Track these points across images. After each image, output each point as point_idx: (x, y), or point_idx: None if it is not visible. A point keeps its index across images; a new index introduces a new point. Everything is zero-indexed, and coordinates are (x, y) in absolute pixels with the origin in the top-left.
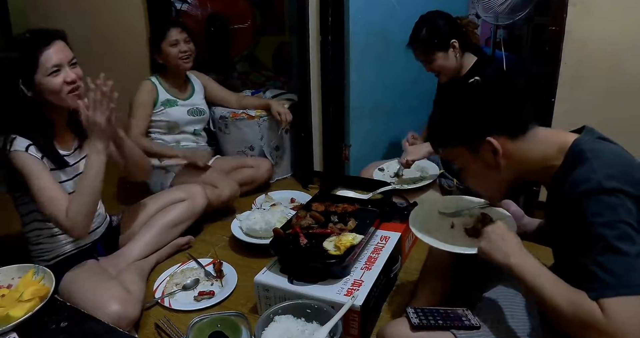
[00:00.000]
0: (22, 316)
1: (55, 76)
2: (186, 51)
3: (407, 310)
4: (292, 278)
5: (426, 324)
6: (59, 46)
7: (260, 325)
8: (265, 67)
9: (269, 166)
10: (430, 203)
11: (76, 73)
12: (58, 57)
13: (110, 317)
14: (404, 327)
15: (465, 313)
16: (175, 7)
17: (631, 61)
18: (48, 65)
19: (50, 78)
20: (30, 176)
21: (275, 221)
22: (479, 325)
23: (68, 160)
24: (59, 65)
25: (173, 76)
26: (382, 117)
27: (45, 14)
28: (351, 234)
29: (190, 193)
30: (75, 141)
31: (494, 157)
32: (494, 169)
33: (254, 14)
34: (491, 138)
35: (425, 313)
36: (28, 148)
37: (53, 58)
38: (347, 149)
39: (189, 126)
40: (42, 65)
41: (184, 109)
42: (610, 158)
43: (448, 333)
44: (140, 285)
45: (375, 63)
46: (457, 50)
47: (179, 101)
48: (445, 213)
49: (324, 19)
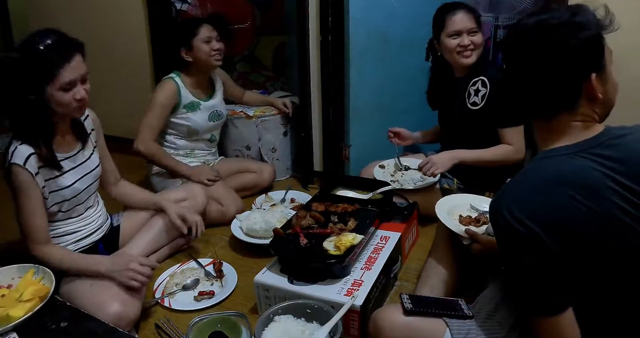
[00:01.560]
0: (22, 316)
1: (67, 92)
2: (218, 49)
3: (402, 296)
4: (292, 278)
5: (419, 310)
6: (77, 62)
7: (260, 325)
8: (265, 67)
9: (271, 171)
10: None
11: (85, 89)
12: (74, 74)
13: (110, 317)
14: (397, 311)
15: (460, 303)
16: (175, 7)
17: (631, 61)
18: (63, 81)
19: (62, 93)
20: (17, 195)
21: (275, 221)
22: (472, 314)
23: (70, 162)
24: (73, 82)
25: (198, 73)
26: (382, 117)
27: (45, 14)
28: (351, 234)
29: (191, 192)
30: (77, 143)
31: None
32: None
33: (254, 14)
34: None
35: (419, 300)
36: (27, 161)
37: (70, 75)
38: (347, 149)
39: (207, 133)
40: (57, 80)
41: (205, 115)
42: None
43: (440, 321)
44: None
45: (375, 63)
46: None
47: (202, 103)
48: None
49: (324, 19)
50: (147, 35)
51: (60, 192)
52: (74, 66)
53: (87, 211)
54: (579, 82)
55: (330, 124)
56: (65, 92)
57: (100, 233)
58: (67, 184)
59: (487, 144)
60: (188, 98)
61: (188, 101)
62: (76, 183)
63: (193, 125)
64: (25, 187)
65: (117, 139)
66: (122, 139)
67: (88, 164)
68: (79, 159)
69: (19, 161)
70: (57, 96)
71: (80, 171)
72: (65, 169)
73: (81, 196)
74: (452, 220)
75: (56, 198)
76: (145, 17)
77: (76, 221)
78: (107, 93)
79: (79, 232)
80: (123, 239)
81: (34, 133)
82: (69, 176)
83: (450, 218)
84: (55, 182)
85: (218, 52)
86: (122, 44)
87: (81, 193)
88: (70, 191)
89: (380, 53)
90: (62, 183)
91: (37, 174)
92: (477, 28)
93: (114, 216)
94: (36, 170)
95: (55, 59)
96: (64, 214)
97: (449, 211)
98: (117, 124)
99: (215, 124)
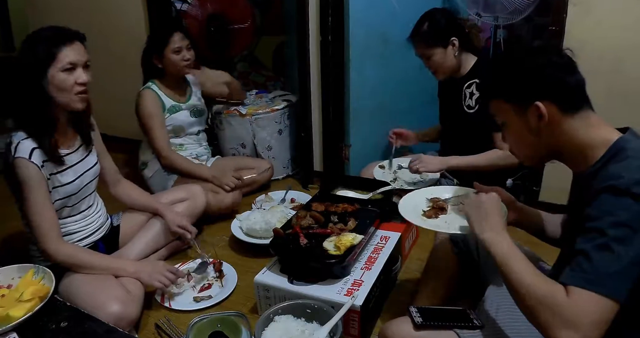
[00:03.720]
0: (22, 316)
1: (69, 74)
2: (189, 59)
3: (410, 309)
4: (292, 278)
5: (429, 323)
6: (78, 46)
7: (260, 325)
8: (265, 67)
9: (269, 167)
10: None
11: (87, 76)
12: (75, 55)
13: (110, 317)
14: (406, 325)
15: (468, 312)
16: (175, 7)
17: (631, 61)
18: (65, 61)
19: (64, 74)
20: (25, 189)
21: (275, 221)
22: (482, 324)
23: (71, 158)
24: (75, 63)
25: (173, 80)
26: (382, 117)
27: (44, 14)
28: (351, 234)
29: (191, 193)
30: (77, 139)
31: (537, 122)
32: (533, 133)
33: (254, 14)
34: (540, 103)
35: (428, 312)
36: (32, 154)
37: (71, 55)
38: (347, 149)
39: (193, 127)
40: (59, 60)
41: (187, 112)
42: None
43: (451, 333)
44: (140, 285)
45: (375, 63)
46: (456, 48)
47: (182, 105)
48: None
49: (324, 19)
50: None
51: (62, 188)
52: (75, 48)
53: (87, 210)
54: None
55: (330, 124)
56: (67, 73)
57: (100, 233)
58: (69, 181)
59: (484, 146)
60: (169, 102)
61: (169, 105)
62: (77, 180)
63: (178, 123)
64: (33, 180)
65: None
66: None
67: (87, 162)
68: (78, 156)
69: (24, 155)
70: (58, 78)
71: (80, 168)
72: (68, 165)
73: (82, 193)
74: (420, 218)
75: (58, 194)
76: (145, 17)
77: (77, 221)
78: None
79: (80, 232)
80: (123, 239)
81: (38, 127)
82: (70, 172)
83: (418, 217)
84: (57, 177)
85: (187, 63)
86: (122, 44)
87: (81, 190)
88: (71, 188)
89: (380, 53)
90: (64, 178)
91: (42, 167)
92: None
93: (113, 216)
94: (41, 163)
95: (56, 40)
96: (67, 212)
97: (413, 212)
98: (116, 124)
99: (198, 119)
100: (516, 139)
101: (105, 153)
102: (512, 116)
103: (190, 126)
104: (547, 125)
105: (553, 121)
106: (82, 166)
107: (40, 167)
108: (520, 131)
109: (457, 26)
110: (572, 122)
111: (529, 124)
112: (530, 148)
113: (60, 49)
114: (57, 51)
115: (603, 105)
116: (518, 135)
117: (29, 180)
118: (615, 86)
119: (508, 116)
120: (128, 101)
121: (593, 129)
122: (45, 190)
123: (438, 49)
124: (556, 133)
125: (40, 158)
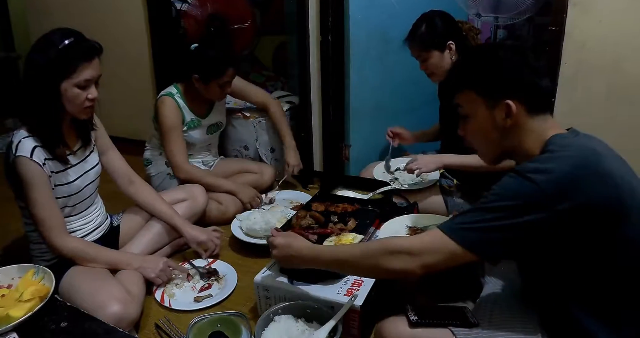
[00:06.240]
0: (22, 316)
1: (82, 89)
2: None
3: (406, 307)
4: (292, 278)
5: (424, 321)
6: (96, 63)
7: (260, 325)
8: (265, 67)
9: (272, 172)
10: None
11: (97, 91)
12: (92, 74)
13: (110, 317)
14: (402, 323)
15: (464, 310)
16: (175, 7)
17: (631, 60)
18: (81, 78)
19: (77, 90)
20: (28, 187)
21: (275, 221)
22: (478, 322)
23: (72, 159)
24: (90, 80)
25: (200, 96)
26: (382, 117)
27: (44, 15)
28: (351, 234)
29: (191, 193)
30: (78, 140)
31: (504, 120)
32: (497, 130)
33: (254, 14)
34: (511, 101)
35: (423, 310)
36: (33, 152)
37: (88, 74)
38: (347, 149)
39: (206, 143)
40: (76, 75)
41: (204, 130)
42: (567, 158)
43: (446, 331)
44: (140, 285)
45: (375, 63)
46: (452, 52)
47: (202, 121)
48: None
49: (324, 19)
50: (147, 36)
51: (63, 187)
52: (93, 66)
53: (87, 210)
54: None
55: (330, 124)
56: (80, 90)
57: (99, 232)
58: (71, 180)
59: None
60: (189, 116)
61: (189, 119)
62: (77, 179)
63: (191, 141)
64: (35, 178)
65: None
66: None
67: (88, 162)
68: (79, 157)
69: (25, 154)
70: (71, 92)
71: (81, 168)
72: (70, 165)
73: (82, 193)
74: None
75: (59, 193)
76: (145, 18)
77: (76, 219)
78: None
79: (78, 231)
80: (122, 239)
81: (44, 125)
82: (72, 172)
83: None
84: (59, 176)
85: (224, 98)
86: (122, 44)
87: (82, 190)
88: (72, 187)
89: (380, 53)
90: (66, 178)
91: (43, 165)
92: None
93: (113, 216)
94: (42, 161)
95: (79, 57)
96: (67, 211)
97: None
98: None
99: (213, 135)
100: (478, 133)
101: (113, 152)
102: (479, 110)
103: (203, 142)
104: (512, 123)
105: (518, 120)
106: (83, 166)
107: (42, 165)
108: (485, 125)
109: (454, 30)
110: (532, 123)
111: (495, 120)
112: (490, 144)
113: (80, 65)
114: (76, 66)
115: (603, 105)
116: (481, 129)
117: (31, 178)
118: (616, 85)
119: (475, 109)
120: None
121: (547, 131)
122: (48, 187)
123: (434, 52)
124: (517, 132)
125: (41, 156)
